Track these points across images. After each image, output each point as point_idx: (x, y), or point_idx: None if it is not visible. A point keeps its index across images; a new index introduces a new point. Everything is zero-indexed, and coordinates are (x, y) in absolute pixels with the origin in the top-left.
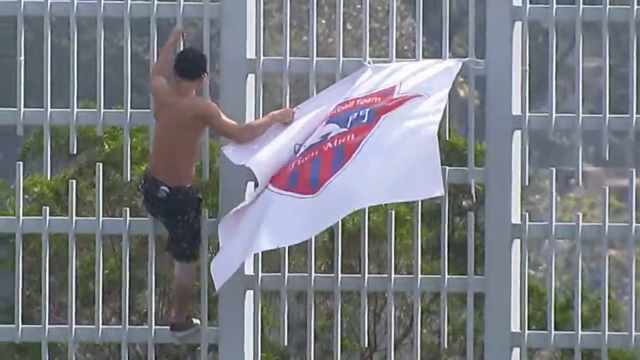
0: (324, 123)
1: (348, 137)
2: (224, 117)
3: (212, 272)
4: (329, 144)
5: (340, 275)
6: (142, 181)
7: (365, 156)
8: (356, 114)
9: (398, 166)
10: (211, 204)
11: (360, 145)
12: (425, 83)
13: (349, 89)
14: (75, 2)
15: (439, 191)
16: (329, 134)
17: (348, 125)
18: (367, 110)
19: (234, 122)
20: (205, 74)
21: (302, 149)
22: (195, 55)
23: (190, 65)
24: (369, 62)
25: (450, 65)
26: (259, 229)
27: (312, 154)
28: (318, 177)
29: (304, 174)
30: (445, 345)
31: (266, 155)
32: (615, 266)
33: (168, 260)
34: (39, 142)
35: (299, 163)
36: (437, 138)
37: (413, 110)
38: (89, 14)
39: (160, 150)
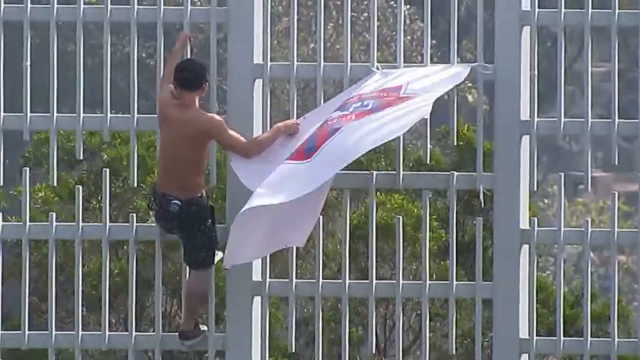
0: (329, 118)
1: (348, 117)
2: (229, 131)
3: (229, 246)
4: (328, 123)
5: (348, 281)
6: (152, 198)
7: (360, 123)
8: (360, 103)
9: (389, 119)
10: (219, 210)
11: (358, 120)
12: (432, 86)
13: (356, 89)
14: (82, 7)
15: (426, 113)
16: (330, 117)
17: (351, 110)
18: (372, 101)
19: (239, 136)
20: (207, 83)
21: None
22: (194, 65)
23: (190, 76)
24: (377, 68)
25: (458, 71)
26: (255, 194)
27: (313, 131)
28: (314, 146)
29: (301, 147)
30: (454, 351)
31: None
32: (624, 272)
33: (178, 261)
34: (39, 151)
35: (300, 149)
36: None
37: (415, 101)
38: (96, 19)
39: (167, 164)
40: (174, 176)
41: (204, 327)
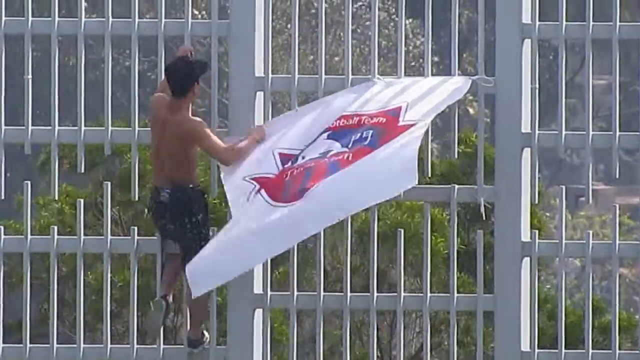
0: (325, 136)
1: (345, 156)
2: (212, 137)
3: (189, 275)
4: (326, 159)
5: (349, 294)
6: (150, 197)
7: (354, 168)
8: (359, 135)
9: (378, 168)
10: (218, 221)
11: (354, 163)
12: (433, 107)
13: (355, 100)
14: (83, 20)
15: (412, 182)
16: (329, 151)
17: (349, 146)
18: (371, 132)
19: (220, 144)
20: (196, 84)
21: (300, 160)
22: (180, 71)
23: (176, 84)
24: (378, 79)
25: (459, 86)
26: (255, 241)
27: (309, 165)
28: (305, 187)
29: (295, 185)
30: None
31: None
32: (627, 285)
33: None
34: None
35: (294, 173)
36: (419, 139)
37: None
38: (97, 32)
39: (159, 163)
40: (166, 172)
41: (207, 333)
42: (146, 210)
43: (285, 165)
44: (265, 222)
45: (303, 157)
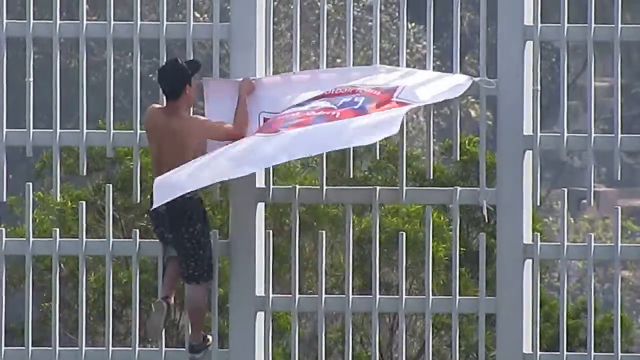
0: (314, 100)
1: (332, 113)
2: (217, 125)
3: (155, 187)
4: (313, 112)
5: (351, 296)
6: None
7: (337, 123)
8: (350, 99)
9: (361, 122)
10: (221, 224)
11: (340, 120)
12: (430, 93)
13: (355, 79)
14: (85, 23)
15: (394, 130)
16: (316, 106)
17: (338, 105)
18: (363, 99)
19: (226, 125)
20: (189, 86)
21: (286, 111)
22: (169, 74)
23: (167, 87)
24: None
25: (459, 82)
26: (222, 160)
27: (292, 114)
28: (286, 127)
29: (275, 124)
30: None
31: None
32: (629, 288)
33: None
34: (52, 162)
35: (278, 118)
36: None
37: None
38: (98, 35)
39: (158, 171)
40: None
41: (209, 337)
42: (146, 216)
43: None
44: (236, 147)
45: (289, 111)
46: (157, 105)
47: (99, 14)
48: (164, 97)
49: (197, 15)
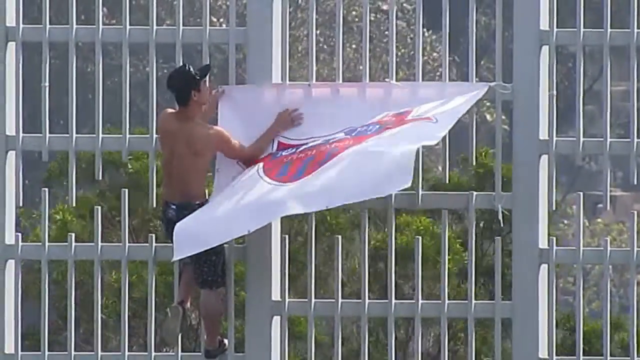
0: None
1: (345, 143)
2: (233, 141)
3: (175, 237)
4: (327, 146)
5: (367, 301)
6: (162, 211)
7: (348, 155)
8: (365, 128)
9: (373, 161)
10: None
11: (349, 149)
12: (441, 107)
13: (373, 109)
14: (101, 27)
15: (406, 182)
16: (333, 139)
17: (352, 135)
18: (377, 126)
19: (241, 145)
20: (196, 92)
21: (303, 147)
22: (175, 80)
23: (175, 94)
24: (386, 80)
25: (474, 94)
26: (242, 212)
27: (310, 152)
28: (304, 171)
29: (294, 166)
30: None
31: None
32: None
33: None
34: (61, 168)
35: (294, 157)
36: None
37: (416, 129)
38: (114, 40)
39: (170, 176)
40: (176, 186)
41: (225, 341)
42: (160, 222)
43: (284, 153)
44: (254, 196)
45: (307, 145)
46: (171, 110)
47: (116, 18)
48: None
49: (214, 19)
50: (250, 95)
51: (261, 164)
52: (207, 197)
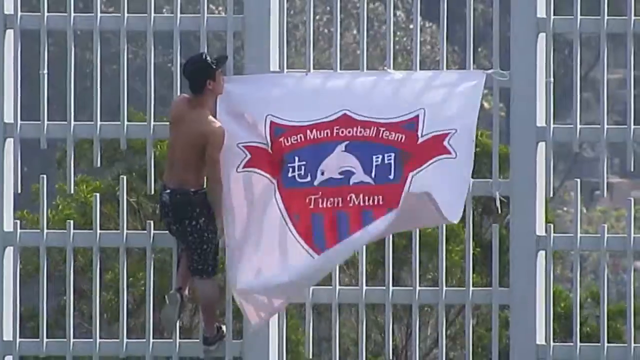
0: (342, 147)
1: (376, 200)
2: (219, 152)
3: (244, 309)
4: (355, 201)
5: (364, 287)
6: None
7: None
8: (380, 158)
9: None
10: None
11: (388, 215)
12: (449, 116)
13: (366, 98)
14: (99, 15)
15: (455, 220)
16: (351, 173)
17: (373, 176)
18: (393, 155)
19: (218, 160)
20: (212, 81)
21: (319, 175)
22: (192, 67)
23: (190, 81)
24: (385, 68)
25: (475, 83)
26: (289, 282)
27: (335, 200)
28: (323, 245)
29: (331, 236)
30: (471, 358)
31: None
32: None
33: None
34: (79, 151)
35: (320, 206)
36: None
37: (441, 175)
38: (112, 28)
39: (172, 161)
40: (175, 171)
41: (224, 327)
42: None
43: (280, 139)
44: (295, 267)
45: (322, 173)
46: (185, 95)
47: (115, 5)
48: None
49: (212, 7)
50: (246, 85)
51: (274, 185)
52: (204, 186)
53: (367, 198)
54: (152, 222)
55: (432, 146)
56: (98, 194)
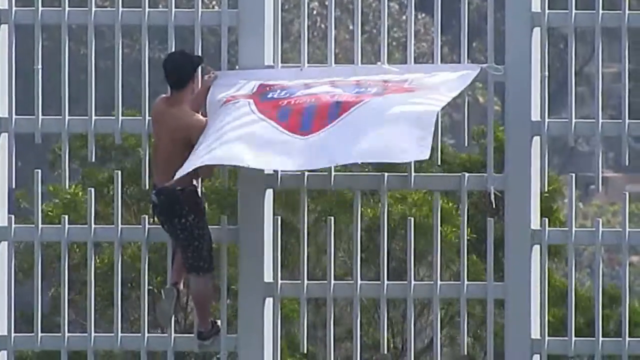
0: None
1: (349, 98)
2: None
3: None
4: (328, 97)
5: (359, 282)
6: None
7: (360, 114)
8: (364, 88)
9: (390, 128)
10: (230, 212)
11: (358, 105)
12: (438, 84)
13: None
14: (93, 10)
15: (424, 154)
16: (331, 92)
17: (353, 92)
18: (375, 88)
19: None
20: (194, 79)
21: (298, 93)
22: (176, 63)
23: (173, 76)
24: (381, 63)
25: (466, 73)
26: (239, 144)
27: (309, 100)
28: (311, 123)
29: (296, 114)
30: (466, 352)
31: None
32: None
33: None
34: (71, 147)
35: (292, 102)
36: (438, 113)
37: (422, 95)
38: (107, 22)
39: (157, 160)
40: (161, 169)
41: (218, 322)
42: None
43: (274, 95)
44: (258, 135)
45: (302, 93)
46: (164, 96)
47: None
48: (169, 87)
49: (207, 1)
50: (239, 78)
51: (251, 101)
52: (192, 183)
53: (340, 97)
54: (146, 217)
55: (416, 88)
56: (92, 189)
